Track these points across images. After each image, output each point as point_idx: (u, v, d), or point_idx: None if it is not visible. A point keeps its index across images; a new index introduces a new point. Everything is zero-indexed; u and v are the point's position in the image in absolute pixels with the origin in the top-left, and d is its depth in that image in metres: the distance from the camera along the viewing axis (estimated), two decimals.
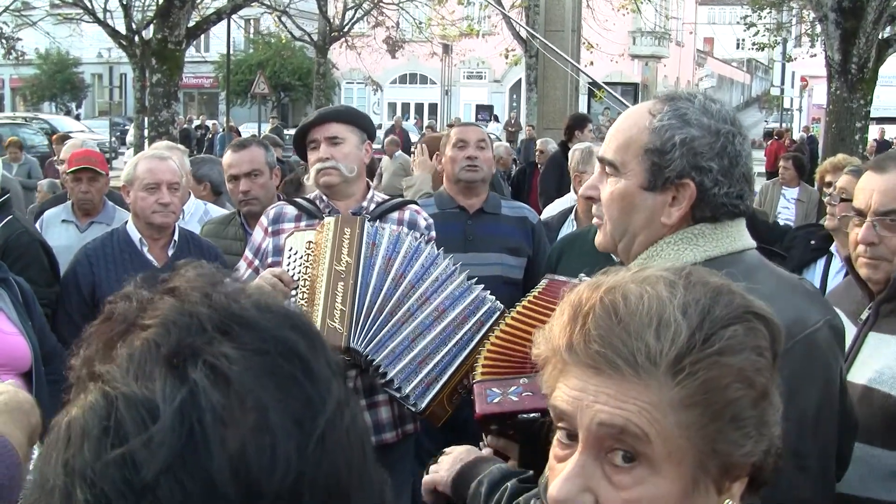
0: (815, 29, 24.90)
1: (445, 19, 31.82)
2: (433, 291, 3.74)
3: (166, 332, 0.92)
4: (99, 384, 0.92)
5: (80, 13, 24.40)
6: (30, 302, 3.77)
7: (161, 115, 15.98)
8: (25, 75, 54.54)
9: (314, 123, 4.16)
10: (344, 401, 0.97)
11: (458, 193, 4.83)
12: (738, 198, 2.17)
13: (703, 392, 1.25)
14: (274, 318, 0.97)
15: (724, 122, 2.17)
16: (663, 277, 1.33)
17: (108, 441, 0.87)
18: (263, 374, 0.91)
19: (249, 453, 0.87)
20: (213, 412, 0.87)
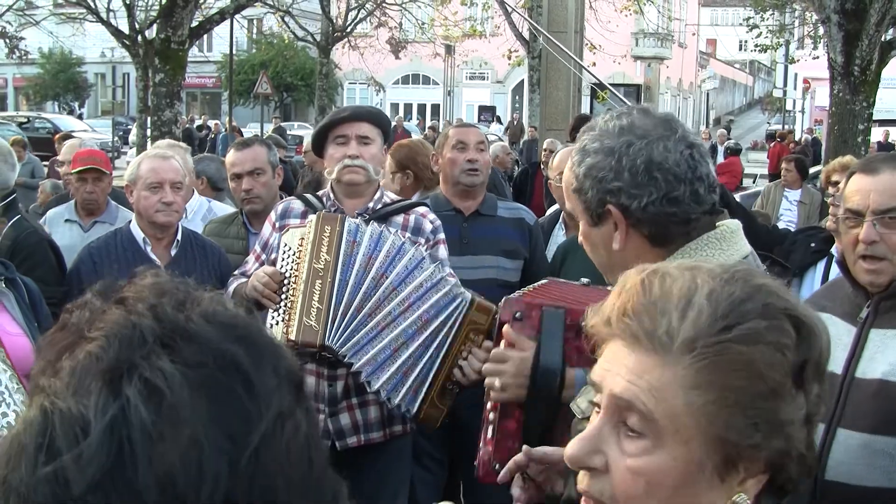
0: (818, 31, 24.92)
1: (448, 20, 31.83)
2: (417, 298, 3.74)
3: (108, 346, 0.92)
4: (41, 398, 0.92)
5: (84, 13, 24.44)
6: (36, 302, 3.78)
7: (164, 115, 15.98)
8: (29, 75, 54.64)
9: (347, 119, 4.13)
10: (287, 412, 0.96)
11: (454, 196, 4.79)
12: (672, 203, 2.14)
13: (709, 374, 1.29)
14: (217, 329, 0.97)
15: (623, 134, 2.17)
16: (708, 269, 1.37)
17: (41, 457, 0.87)
18: (199, 388, 0.91)
19: (177, 470, 0.87)
20: (143, 429, 0.87)
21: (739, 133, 55.84)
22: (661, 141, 2.15)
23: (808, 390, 1.32)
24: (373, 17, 34.11)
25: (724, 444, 1.29)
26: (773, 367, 1.28)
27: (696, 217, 2.17)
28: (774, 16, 31.35)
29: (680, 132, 2.18)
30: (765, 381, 1.28)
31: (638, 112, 2.25)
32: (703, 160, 2.18)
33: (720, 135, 32.59)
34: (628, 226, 2.18)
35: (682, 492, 1.32)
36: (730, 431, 1.29)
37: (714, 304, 1.31)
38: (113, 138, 35.28)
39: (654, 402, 1.31)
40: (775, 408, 1.29)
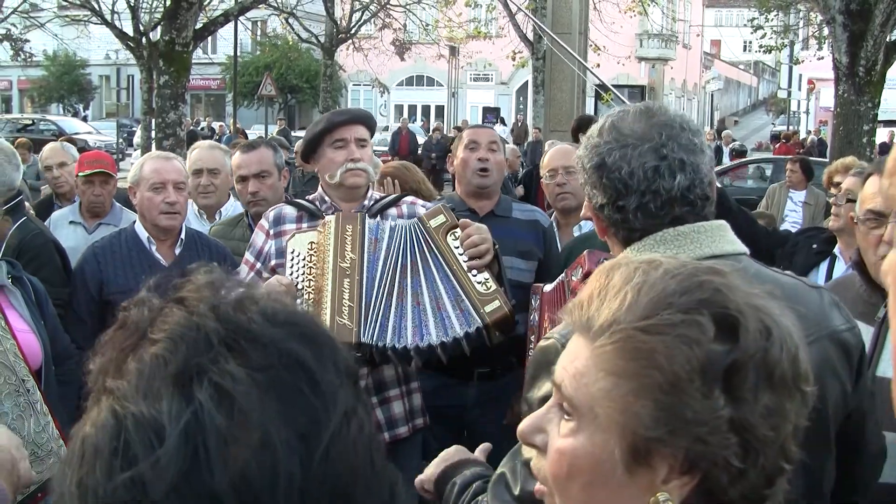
0: (823, 31, 24.89)
1: (452, 21, 31.82)
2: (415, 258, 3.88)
3: (174, 348, 0.94)
4: (110, 401, 0.94)
5: (88, 15, 24.44)
6: (42, 301, 3.80)
7: (168, 117, 15.99)
8: (33, 77, 54.65)
9: (345, 123, 4.16)
10: (351, 409, 0.98)
11: (468, 196, 4.79)
12: (618, 210, 2.17)
13: (615, 360, 1.30)
14: (280, 328, 0.98)
15: (603, 132, 2.21)
16: (664, 262, 1.38)
17: (117, 462, 0.89)
18: (268, 390, 0.92)
19: (252, 472, 0.89)
20: (217, 433, 0.89)
21: (744, 134, 55.78)
22: (624, 149, 2.15)
23: (741, 397, 1.27)
24: (377, 19, 34.11)
25: (630, 434, 1.29)
26: (675, 360, 1.26)
27: (644, 228, 2.16)
28: (779, 16, 31.32)
29: (658, 141, 2.16)
30: (663, 372, 1.26)
31: (635, 112, 2.24)
32: (670, 175, 2.14)
33: (725, 136, 32.56)
34: (599, 220, 2.24)
35: (599, 480, 1.34)
36: (634, 421, 1.28)
37: (642, 293, 1.31)
38: (117, 140, 35.39)
39: (576, 386, 1.35)
40: (676, 403, 1.26)
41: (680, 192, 2.15)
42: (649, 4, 30.57)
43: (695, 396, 1.26)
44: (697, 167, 2.19)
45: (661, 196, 2.14)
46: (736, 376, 1.27)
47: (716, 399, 1.26)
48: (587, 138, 2.26)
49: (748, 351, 1.28)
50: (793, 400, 1.32)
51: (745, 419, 1.27)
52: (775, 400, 1.29)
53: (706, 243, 2.15)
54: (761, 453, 1.28)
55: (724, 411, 1.26)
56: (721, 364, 1.26)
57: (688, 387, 1.26)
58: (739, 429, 1.26)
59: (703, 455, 1.27)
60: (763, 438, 1.28)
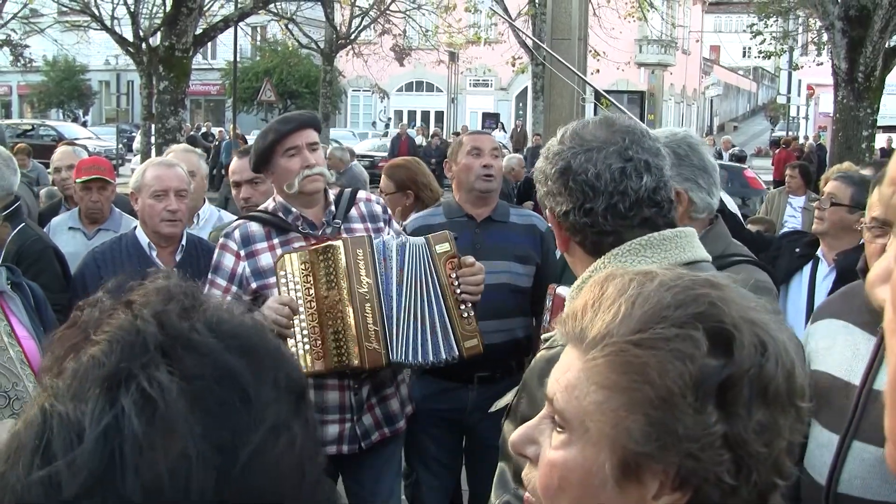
0: (822, 37, 24.93)
1: (452, 27, 31.86)
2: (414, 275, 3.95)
3: (109, 351, 0.94)
4: (42, 397, 0.94)
5: (88, 21, 24.49)
6: (41, 306, 3.79)
7: (168, 123, 16.03)
8: (33, 82, 54.72)
9: (295, 129, 4.07)
10: (282, 424, 0.97)
11: (467, 202, 4.78)
12: (586, 214, 2.17)
13: (607, 373, 1.29)
14: (221, 339, 0.97)
15: (565, 141, 2.24)
16: (659, 273, 1.37)
17: (37, 459, 0.89)
18: (195, 400, 0.92)
19: (164, 481, 0.88)
20: (134, 439, 0.88)
21: (743, 140, 55.79)
22: (589, 153, 2.17)
23: (735, 412, 1.26)
24: (377, 25, 34.15)
25: (620, 448, 1.28)
26: (667, 375, 1.25)
27: (614, 230, 2.17)
28: (778, 22, 31.34)
29: (622, 145, 2.18)
30: (655, 387, 1.25)
31: (595, 122, 2.27)
32: (637, 176, 2.17)
33: (725, 141, 32.59)
34: (563, 230, 2.25)
35: (588, 494, 1.33)
36: (624, 435, 1.27)
37: (638, 306, 1.30)
38: (117, 146, 35.40)
39: (567, 399, 1.34)
40: (668, 418, 1.25)
41: (647, 193, 2.18)
42: (649, 10, 30.62)
43: (687, 412, 1.24)
44: (662, 170, 2.22)
45: (629, 197, 2.16)
46: (730, 392, 1.25)
47: (709, 415, 1.24)
48: (546, 149, 2.29)
49: (743, 366, 1.26)
50: (787, 415, 1.30)
51: (738, 435, 1.25)
52: (769, 415, 1.28)
53: (688, 248, 2.18)
54: (754, 469, 1.27)
55: (717, 427, 1.24)
56: (715, 379, 1.25)
57: (680, 402, 1.25)
58: (733, 445, 1.25)
59: (695, 471, 1.25)
60: (756, 454, 1.27)
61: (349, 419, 4.01)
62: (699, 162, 3.13)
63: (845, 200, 5.05)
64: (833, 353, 2.84)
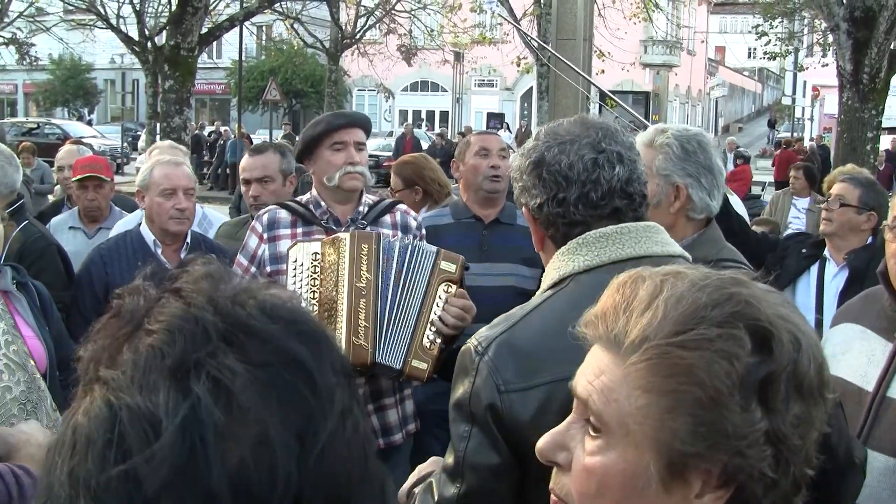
0: (827, 39, 24.87)
1: (457, 27, 31.85)
2: (410, 277, 3.85)
3: (171, 341, 0.92)
4: (104, 391, 0.92)
5: (94, 19, 24.53)
6: (47, 306, 3.80)
7: (173, 121, 16.03)
8: (38, 80, 54.74)
9: (345, 125, 4.15)
10: (347, 409, 0.97)
11: (475, 203, 4.79)
12: (559, 204, 2.20)
13: (651, 376, 1.29)
14: (280, 325, 0.96)
15: (538, 138, 2.28)
16: (688, 274, 1.37)
17: (111, 454, 0.88)
18: (266, 387, 0.91)
19: (249, 469, 0.87)
20: (215, 428, 0.87)
21: (748, 141, 55.73)
22: (562, 145, 2.20)
23: (775, 408, 1.27)
24: (382, 24, 34.14)
25: (667, 450, 1.28)
26: (715, 375, 1.25)
27: (584, 220, 2.19)
28: (783, 23, 31.30)
29: (594, 137, 2.21)
30: (703, 388, 1.26)
31: (573, 119, 2.31)
32: (609, 166, 2.19)
33: (730, 142, 32.54)
34: (537, 226, 2.28)
35: (631, 496, 1.33)
36: (671, 437, 1.28)
37: (672, 307, 1.31)
38: (122, 144, 35.43)
39: (605, 402, 1.33)
40: (717, 418, 1.26)
41: (620, 184, 2.19)
42: (654, 11, 30.59)
43: (735, 410, 1.25)
44: (635, 163, 2.24)
45: (601, 186, 2.18)
46: (770, 388, 1.27)
47: (754, 412, 1.26)
48: (522, 148, 2.32)
49: (782, 363, 1.27)
50: (818, 407, 1.32)
51: (779, 430, 1.27)
52: (804, 409, 1.30)
53: (629, 244, 2.17)
54: (792, 462, 1.29)
55: (761, 424, 1.26)
56: (757, 377, 1.26)
57: (728, 401, 1.25)
58: (774, 440, 1.26)
59: (741, 468, 1.26)
60: (794, 448, 1.29)
61: None
62: (705, 161, 3.08)
63: (854, 201, 5.06)
64: (848, 358, 2.82)
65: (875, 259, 4.98)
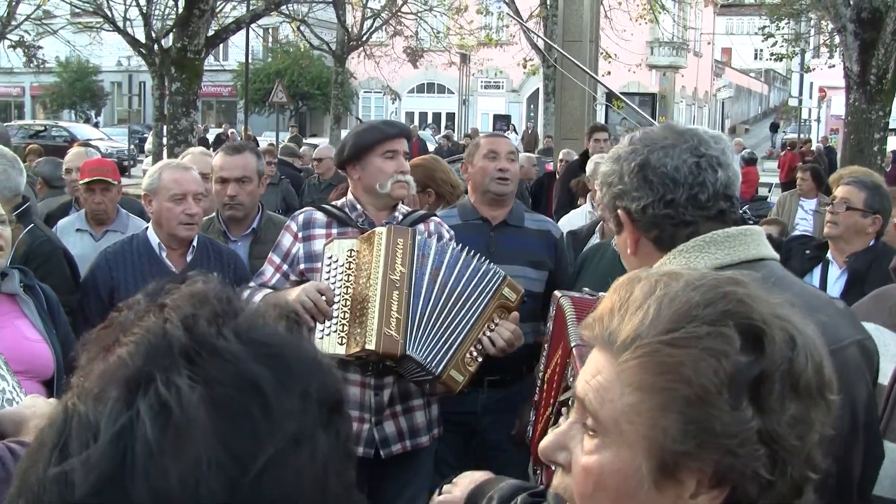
0: (834, 40, 24.85)
1: (464, 29, 31.86)
2: (465, 287, 3.97)
3: (136, 353, 0.94)
4: (67, 396, 0.95)
5: (101, 22, 24.57)
6: (54, 310, 3.80)
7: (180, 124, 16.03)
8: (46, 83, 54.85)
9: (397, 135, 4.24)
10: (306, 436, 0.95)
11: (483, 205, 4.80)
12: (668, 205, 2.23)
13: (641, 374, 1.30)
14: (248, 347, 0.96)
15: (632, 143, 2.31)
16: (684, 274, 1.38)
17: (54, 456, 0.90)
18: (213, 406, 0.91)
19: (172, 487, 0.87)
20: (146, 442, 0.88)
21: (755, 142, 55.61)
22: (665, 149, 2.24)
23: (768, 407, 1.27)
24: (388, 26, 34.16)
25: (658, 449, 1.29)
26: (702, 373, 1.25)
27: (695, 220, 2.23)
28: (790, 25, 31.28)
29: (692, 143, 2.25)
30: (690, 385, 1.26)
31: (660, 126, 2.36)
32: (712, 170, 2.23)
33: (736, 144, 32.52)
34: (635, 229, 2.28)
35: (625, 496, 1.33)
36: (661, 435, 1.28)
37: (665, 306, 1.31)
38: (129, 147, 35.47)
39: (600, 402, 1.34)
40: (705, 416, 1.26)
41: (722, 187, 2.25)
42: (660, 12, 30.58)
43: (724, 409, 1.25)
44: (731, 168, 2.29)
45: (707, 189, 2.23)
46: (763, 387, 1.26)
47: (744, 411, 1.25)
48: (612, 154, 2.35)
49: (775, 361, 1.27)
50: (818, 409, 1.31)
51: (773, 430, 1.26)
52: (801, 409, 1.29)
53: (753, 245, 2.22)
54: (789, 463, 1.28)
55: (752, 423, 1.25)
56: (748, 375, 1.26)
57: (716, 399, 1.25)
58: (768, 440, 1.26)
59: (733, 467, 1.26)
60: (790, 448, 1.28)
61: (367, 420, 4.03)
62: None
63: (859, 204, 5.07)
64: None
65: (877, 262, 5.00)
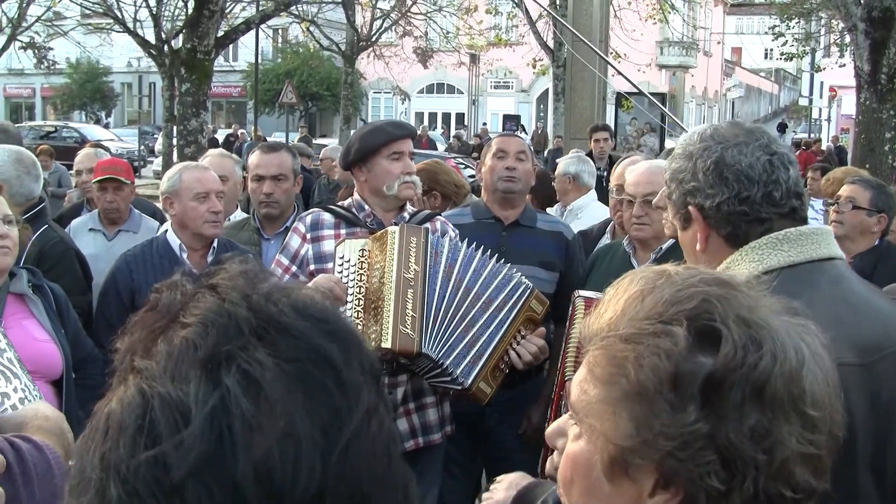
0: (845, 39, 24.78)
1: (473, 29, 31.86)
2: (484, 289, 4.00)
3: (205, 333, 0.95)
4: (138, 379, 0.95)
5: (111, 23, 24.62)
6: (63, 309, 3.81)
7: (190, 125, 16.08)
8: (56, 84, 55.07)
9: (404, 136, 4.24)
10: (373, 408, 0.98)
11: (494, 204, 4.80)
12: (743, 202, 2.23)
13: (596, 366, 1.33)
14: (310, 323, 0.99)
15: (703, 140, 2.31)
16: (670, 272, 1.38)
17: (142, 440, 0.90)
18: (294, 382, 0.93)
19: (274, 462, 0.89)
20: (243, 419, 0.89)
21: None
22: (738, 146, 2.26)
23: (723, 414, 1.22)
24: (398, 27, 34.19)
25: (608, 444, 1.30)
26: (641, 369, 1.25)
27: (769, 217, 2.24)
28: (800, 24, 31.20)
29: (763, 140, 2.28)
30: (629, 381, 1.26)
31: (726, 123, 2.36)
32: (784, 168, 2.25)
33: None
34: (707, 226, 2.29)
35: (591, 488, 1.34)
36: (610, 429, 1.29)
37: (636, 302, 1.33)
38: (139, 147, 35.55)
39: (577, 392, 1.36)
40: (645, 413, 1.24)
41: (794, 185, 2.27)
42: (670, 12, 30.53)
43: (663, 408, 1.24)
44: (797, 166, 2.32)
45: (781, 186, 2.25)
46: (717, 391, 1.23)
47: (688, 413, 1.22)
48: (683, 150, 2.35)
49: (728, 365, 1.23)
50: (790, 422, 1.25)
51: (728, 438, 1.22)
52: (766, 420, 1.23)
53: (824, 245, 2.23)
54: (748, 476, 1.23)
55: (697, 426, 1.22)
56: (697, 377, 1.23)
57: (655, 398, 1.24)
58: (720, 447, 1.22)
59: (677, 471, 1.24)
60: (751, 461, 1.23)
61: None
62: None
63: (865, 203, 5.06)
64: None
65: (882, 261, 4.98)
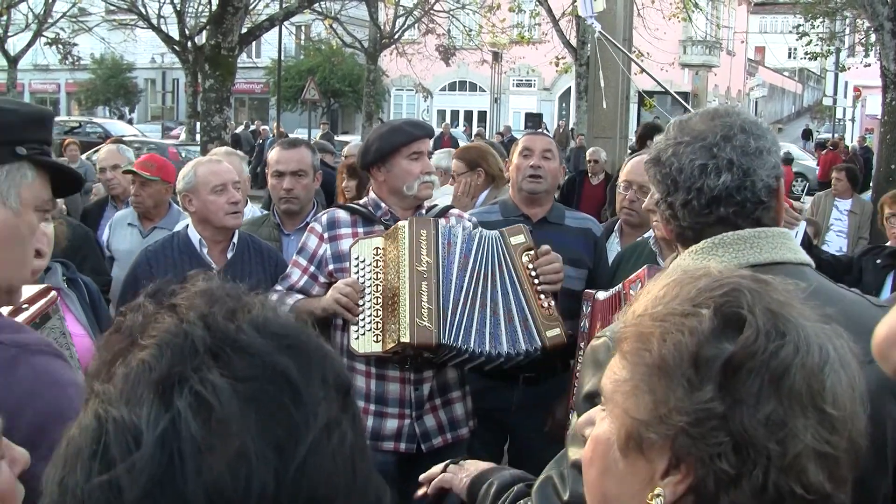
0: (870, 38, 24.65)
1: (496, 27, 31.84)
2: (486, 267, 4.02)
3: (160, 355, 0.95)
4: (95, 403, 0.96)
5: (135, 19, 24.80)
6: (96, 302, 3.82)
7: (213, 121, 16.14)
8: (81, 80, 55.31)
9: (423, 136, 4.26)
10: (334, 422, 0.98)
11: (521, 202, 4.80)
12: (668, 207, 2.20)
13: (626, 344, 1.34)
14: (268, 339, 0.99)
15: (667, 132, 2.26)
16: (709, 271, 1.38)
17: (96, 464, 0.91)
18: (248, 401, 0.93)
19: (225, 482, 0.89)
20: (193, 441, 0.90)
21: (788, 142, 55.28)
22: (681, 145, 2.18)
23: (739, 398, 1.23)
24: (420, 24, 34.21)
25: (628, 418, 1.31)
26: (665, 344, 1.27)
27: (691, 227, 2.18)
28: (825, 23, 31.03)
29: (711, 140, 2.16)
30: (652, 354, 1.28)
31: (707, 112, 2.27)
32: (717, 175, 2.14)
33: None
34: (664, 218, 2.27)
35: (606, 468, 1.36)
36: (630, 404, 1.30)
37: (667, 291, 1.34)
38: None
39: (608, 375, 1.38)
40: (663, 388, 1.26)
41: (726, 192, 2.14)
42: (693, 11, 30.43)
43: (680, 383, 1.25)
44: (750, 170, 2.16)
45: (704, 194, 2.14)
46: (735, 374, 1.24)
47: (704, 392, 1.24)
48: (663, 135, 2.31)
49: (749, 349, 1.25)
50: (806, 417, 1.24)
51: (742, 422, 1.23)
52: (782, 411, 1.24)
53: (766, 249, 2.12)
54: (759, 465, 1.23)
55: (712, 405, 1.23)
56: (717, 358, 1.25)
57: (675, 373, 1.26)
58: (734, 431, 1.23)
59: (689, 449, 1.24)
60: (764, 450, 1.23)
61: (408, 415, 4.05)
62: None
63: None
64: None
65: None
